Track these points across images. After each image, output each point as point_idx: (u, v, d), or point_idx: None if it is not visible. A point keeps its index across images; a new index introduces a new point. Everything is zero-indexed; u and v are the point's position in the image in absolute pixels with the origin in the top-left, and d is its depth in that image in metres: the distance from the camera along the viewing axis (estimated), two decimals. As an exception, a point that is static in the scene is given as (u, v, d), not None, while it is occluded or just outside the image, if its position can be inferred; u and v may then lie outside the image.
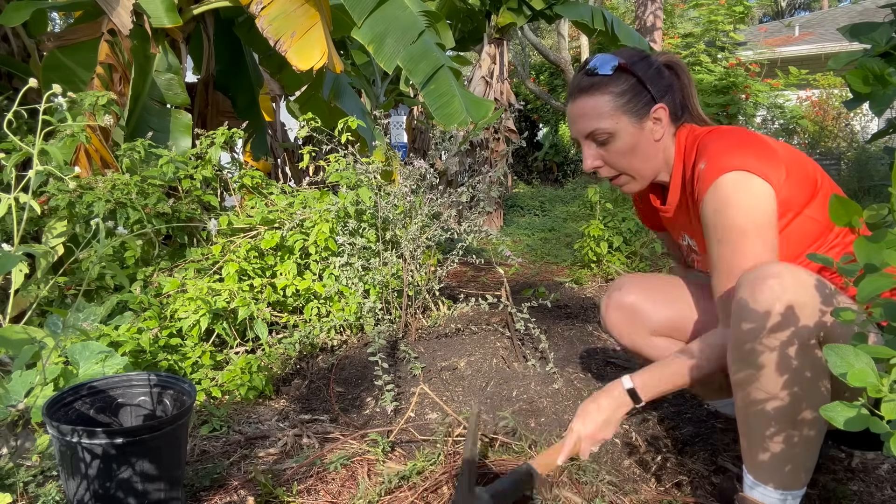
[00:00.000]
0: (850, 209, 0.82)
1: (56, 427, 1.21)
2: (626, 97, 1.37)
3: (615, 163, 1.42)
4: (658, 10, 8.81)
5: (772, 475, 1.18)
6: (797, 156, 1.35)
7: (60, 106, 1.56)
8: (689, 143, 1.40)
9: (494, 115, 3.83)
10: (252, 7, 3.08)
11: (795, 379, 1.10)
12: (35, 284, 2.14)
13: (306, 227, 2.61)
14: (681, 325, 1.56)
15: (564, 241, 5.22)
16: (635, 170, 1.43)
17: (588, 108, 1.39)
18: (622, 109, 1.37)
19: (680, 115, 1.43)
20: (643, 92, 1.38)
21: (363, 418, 1.94)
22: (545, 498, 1.40)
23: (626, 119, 1.37)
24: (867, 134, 9.73)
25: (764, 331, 1.10)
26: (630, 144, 1.39)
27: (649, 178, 1.45)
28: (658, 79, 1.40)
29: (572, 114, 1.44)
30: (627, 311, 1.58)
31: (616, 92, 1.37)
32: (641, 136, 1.39)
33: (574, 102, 1.43)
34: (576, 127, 1.43)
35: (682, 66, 1.47)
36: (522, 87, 12.53)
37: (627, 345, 1.62)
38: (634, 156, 1.41)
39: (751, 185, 1.24)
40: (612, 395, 1.36)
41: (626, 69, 1.38)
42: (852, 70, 1.07)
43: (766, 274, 1.12)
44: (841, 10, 16.07)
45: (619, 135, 1.38)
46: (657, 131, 1.40)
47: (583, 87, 1.41)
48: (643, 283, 1.62)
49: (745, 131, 1.34)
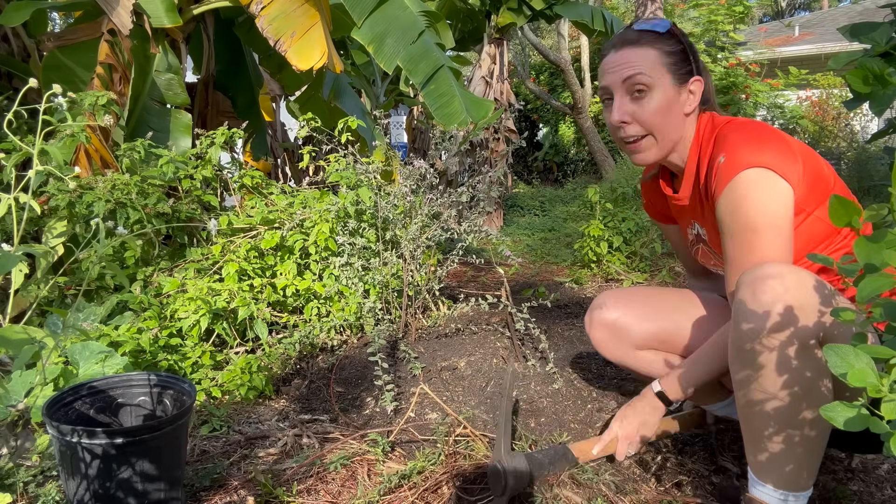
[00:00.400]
0: (849, 209, 0.82)
1: (56, 427, 1.21)
2: (674, 59, 1.36)
3: (646, 119, 1.36)
4: (658, 10, 8.80)
5: (773, 474, 1.18)
6: (812, 154, 1.34)
7: (60, 106, 1.56)
8: (707, 132, 1.39)
9: (494, 115, 3.83)
10: (252, 7, 3.08)
11: (795, 379, 1.10)
12: (35, 284, 2.14)
13: (306, 227, 2.61)
14: (665, 336, 1.58)
15: (564, 241, 5.22)
16: (662, 132, 1.38)
17: (634, 56, 1.35)
18: (667, 67, 1.35)
19: (706, 101, 1.42)
20: (688, 60, 1.37)
21: (363, 418, 1.94)
22: (545, 497, 1.40)
23: (669, 78, 1.35)
24: (867, 134, 9.73)
25: (764, 331, 1.10)
26: (665, 104, 1.35)
27: (669, 147, 1.41)
28: (698, 57, 1.40)
29: (612, 62, 1.38)
30: (610, 328, 1.60)
31: (665, 50, 1.35)
32: (676, 102, 1.36)
33: (618, 52, 1.38)
34: (614, 74, 1.37)
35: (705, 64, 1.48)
36: (522, 87, 12.53)
37: (614, 360, 1.65)
38: (667, 117, 1.36)
39: (770, 182, 1.22)
40: (645, 399, 1.45)
41: (676, 34, 1.38)
42: (852, 70, 1.07)
43: (767, 274, 1.12)
44: (841, 10, 16.07)
45: (657, 90, 1.35)
46: (689, 103, 1.38)
47: (630, 39, 1.37)
48: (624, 298, 1.63)
49: (765, 126, 1.32)
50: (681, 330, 1.57)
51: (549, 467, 1.42)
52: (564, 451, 1.45)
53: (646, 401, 1.45)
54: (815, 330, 1.08)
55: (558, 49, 11.65)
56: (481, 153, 6.51)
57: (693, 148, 1.40)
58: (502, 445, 1.40)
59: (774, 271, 1.11)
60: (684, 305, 1.60)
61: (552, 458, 1.43)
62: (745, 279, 1.15)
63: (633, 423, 1.44)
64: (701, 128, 1.40)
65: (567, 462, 1.45)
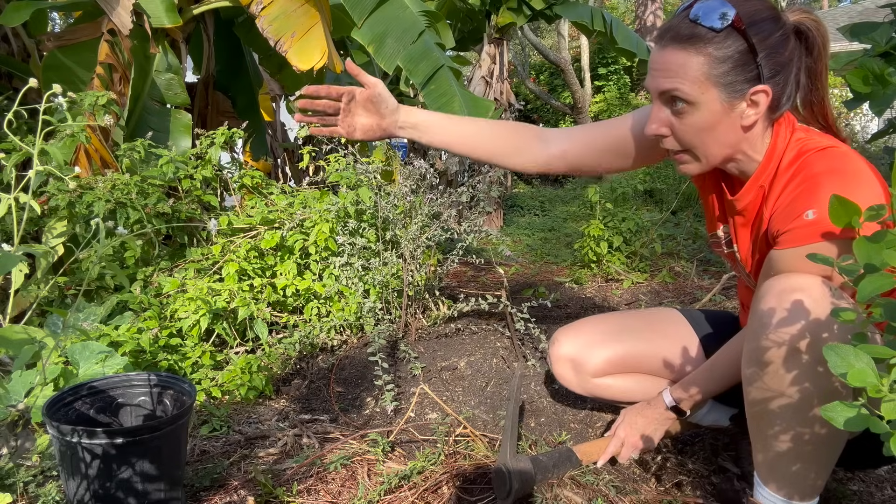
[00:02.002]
0: (849, 209, 0.82)
1: (56, 427, 1.21)
2: (727, 66, 1.09)
3: (684, 137, 1.18)
4: (658, 10, 8.81)
5: (780, 480, 1.17)
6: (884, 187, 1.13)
7: (60, 106, 1.56)
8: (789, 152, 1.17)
9: (494, 115, 3.83)
10: (252, 7, 3.08)
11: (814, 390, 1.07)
12: (35, 284, 2.14)
13: (306, 227, 2.61)
14: (623, 359, 1.58)
15: (564, 241, 5.22)
16: (704, 151, 1.18)
17: (675, 63, 1.12)
18: (715, 80, 1.10)
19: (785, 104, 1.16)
20: (751, 65, 1.09)
21: (363, 418, 1.94)
22: (546, 498, 1.40)
23: (716, 92, 1.11)
24: (867, 134, 9.72)
25: (784, 338, 1.06)
26: (709, 122, 1.14)
27: (715, 164, 1.22)
28: (778, 51, 1.11)
29: (654, 63, 1.16)
30: (569, 363, 1.60)
31: (716, 56, 1.09)
32: (727, 118, 1.13)
33: (662, 50, 1.14)
34: (653, 80, 1.17)
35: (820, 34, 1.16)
36: (522, 87, 12.54)
37: (582, 393, 1.65)
38: (709, 136, 1.16)
39: None
40: (655, 409, 1.44)
41: (739, 29, 1.08)
42: (852, 70, 1.07)
43: (794, 286, 1.07)
44: (841, 10, 16.07)
45: (700, 108, 1.12)
46: (749, 117, 1.13)
47: (680, 35, 1.12)
48: (576, 330, 1.63)
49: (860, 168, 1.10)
50: (640, 351, 1.57)
51: (553, 470, 1.42)
52: (569, 453, 1.45)
53: (656, 410, 1.45)
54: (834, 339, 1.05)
55: (558, 49, 11.65)
56: (481, 153, 6.50)
57: (765, 163, 1.19)
58: (508, 448, 1.40)
59: (802, 283, 1.07)
60: (642, 326, 1.61)
61: (556, 460, 1.43)
62: (770, 288, 1.10)
63: (639, 431, 1.45)
64: (779, 140, 1.18)
65: (571, 465, 1.45)
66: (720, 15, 1.08)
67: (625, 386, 1.60)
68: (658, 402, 1.46)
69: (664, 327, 1.59)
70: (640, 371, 1.58)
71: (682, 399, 1.42)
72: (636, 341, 1.57)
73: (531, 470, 1.36)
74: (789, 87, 1.14)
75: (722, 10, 1.08)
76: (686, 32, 1.10)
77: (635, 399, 1.58)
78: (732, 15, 1.08)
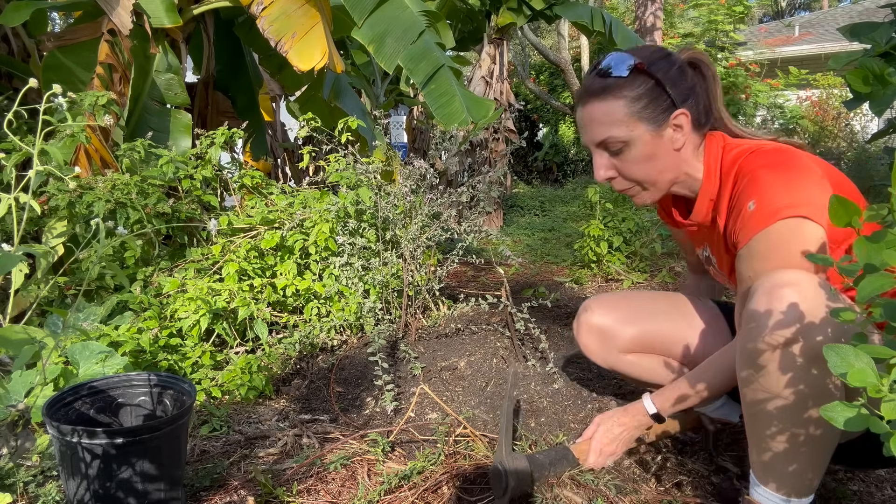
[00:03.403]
0: (849, 209, 0.82)
1: (56, 427, 1.21)
2: (643, 102, 1.24)
3: (629, 173, 1.30)
4: (658, 10, 8.81)
5: (776, 477, 1.17)
6: (841, 182, 1.24)
7: (60, 106, 1.56)
8: (725, 162, 1.28)
9: (494, 114, 3.83)
10: (253, 7, 3.08)
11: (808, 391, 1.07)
12: (35, 284, 2.14)
13: (306, 227, 2.61)
14: (650, 340, 1.58)
15: (564, 241, 5.22)
16: (651, 181, 1.31)
17: (600, 114, 1.27)
18: (638, 116, 1.24)
19: (704, 122, 1.31)
20: (662, 96, 1.25)
21: (363, 418, 1.94)
22: (546, 498, 1.40)
23: (643, 126, 1.25)
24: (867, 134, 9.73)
25: (776, 336, 1.06)
26: (646, 154, 1.27)
27: (665, 189, 1.34)
28: (680, 80, 1.27)
29: (582, 119, 1.31)
30: (596, 333, 1.61)
31: (631, 96, 1.24)
32: (660, 145, 1.27)
33: (585, 107, 1.30)
34: (587, 134, 1.31)
35: (708, 64, 1.32)
36: (522, 87, 12.53)
37: (602, 365, 1.65)
38: (651, 166, 1.29)
39: (804, 232, 1.12)
40: (633, 416, 1.43)
41: (643, 70, 1.25)
42: (852, 70, 1.07)
43: (785, 282, 1.08)
44: (841, 10, 16.07)
45: (635, 143, 1.26)
46: (678, 140, 1.27)
47: (594, 90, 1.27)
48: (610, 302, 1.63)
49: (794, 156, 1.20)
50: (668, 334, 1.57)
51: (550, 468, 1.42)
52: (565, 451, 1.46)
53: (634, 418, 1.43)
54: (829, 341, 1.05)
55: (558, 49, 11.65)
56: (481, 153, 6.51)
57: (706, 178, 1.30)
58: (504, 446, 1.40)
59: (792, 279, 1.07)
60: (672, 310, 1.60)
61: (553, 459, 1.44)
62: (762, 285, 1.11)
63: (610, 436, 1.44)
64: (712, 155, 1.29)
65: (568, 463, 1.45)
66: (625, 63, 1.25)
67: (650, 366, 1.60)
68: (637, 408, 1.44)
69: (697, 316, 1.58)
70: (667, 354, 1.58)
71: (665, 409, 1.41)
72: (670, 324, 1.56)
73: (528, 468, 1.36)
74: (702, 107, 1.29)
75: (625, 60, 1.26)
76: (601, 86, 1.27)
77: (654, 380, 1.59)
78: (634, 61, 1.25)
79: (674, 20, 11.69)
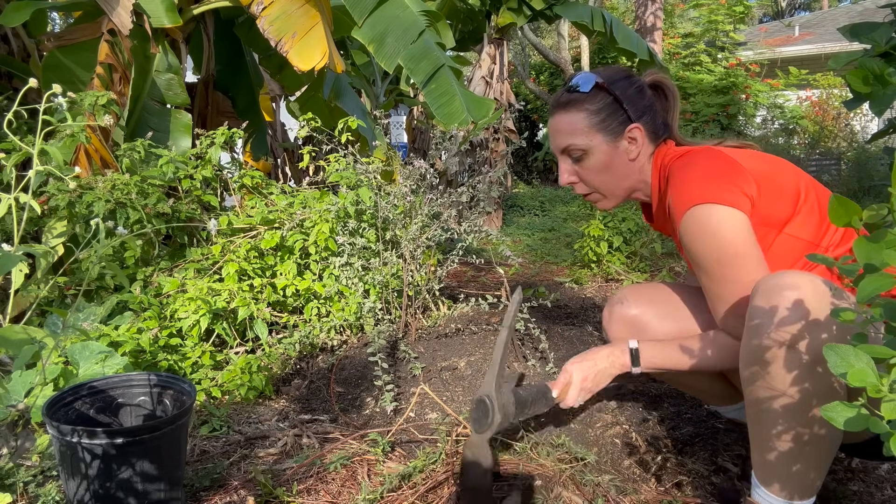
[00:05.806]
0: (849, 209, 0.82)
1: (56, 427, 1.21)
2: (601, 115, 1.40)
3: (588, 180, 1.46)
4: (658, 10, 8.81)
5: (779, 479, 1.17)
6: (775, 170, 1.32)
7: (60, 106, 1.56)
8: (662, 167, 1.42)
9: (494, 114, 3.83)
10: (253, 7, 3.08)
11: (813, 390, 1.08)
12: (35, 284, 2.14)
13: (306, 227, 2.61)
14: None
15: (564, 241, 5.22)
16: (608, 188, 1.46)
17: (564, 124, 1.43)
18: (597, 127, 1.40)
19: (660, 135, 1.45)
20: (619, 111, 1.41)
21: (363, 418, 1.94)
22: (546, 498, 1.40)
23: (601, 137, 1.41)
24: (867, 134, 9.73)
25: (783, 337, 1.07)
26: (603, 162, 1.42)
27: (622, 196, 1.49)
28: (637, 98, 1.42)
29: (551, 128, 1.49)
30: (630, 324, 1.58)
31: (591, 110, 1.41)
32: (615, 155, 1.42)
33: (552, 118, 1.47)
34: (553, 142, 1.48)
35: (669, 86, 1.48)
36: (522, 87, 12.54)
37: None
38: (608, 174, 1.44)
39: (716, 216, 1.24)
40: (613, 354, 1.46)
41: (603, 88, 1.41)
42: (852, 70, 1.07)
43: (784, 284, 1.09)
44: (841, 10, 16.08)
45: (593, 152, 1.42)
46: (632, 151, 1.42)
47: (561, 102, 1.45)
48: (646, 294, 1.61)
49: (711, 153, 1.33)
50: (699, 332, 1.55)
51: (531, 406, 1.43)
52: (545, 390, 1.47)
53: (613, 356, 1.46)
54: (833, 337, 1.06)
55: (558, 49, 11.66)
56: (481, 153, 6.51)
57: (654, 184, 1.45)
58: (494, 378, 1.39)
59: (791, 281, 1.09)
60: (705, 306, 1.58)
61: (535, 396, 1.45)
62: (762, 287, 1.13)
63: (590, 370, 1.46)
64: (657, 163, 1.44)
65: (547, 402, 1.48)
66: (589, 82, 1.42)
67: None
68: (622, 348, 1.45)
69: None
70: None
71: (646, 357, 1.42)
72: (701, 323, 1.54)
73: (513, 404, 1.36)
74: (659, 122, 1.44)
75: (590, 79, 1.42)
76: (567, 99, 1.44)
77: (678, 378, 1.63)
78: (596, 79, 1.42)
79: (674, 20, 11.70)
